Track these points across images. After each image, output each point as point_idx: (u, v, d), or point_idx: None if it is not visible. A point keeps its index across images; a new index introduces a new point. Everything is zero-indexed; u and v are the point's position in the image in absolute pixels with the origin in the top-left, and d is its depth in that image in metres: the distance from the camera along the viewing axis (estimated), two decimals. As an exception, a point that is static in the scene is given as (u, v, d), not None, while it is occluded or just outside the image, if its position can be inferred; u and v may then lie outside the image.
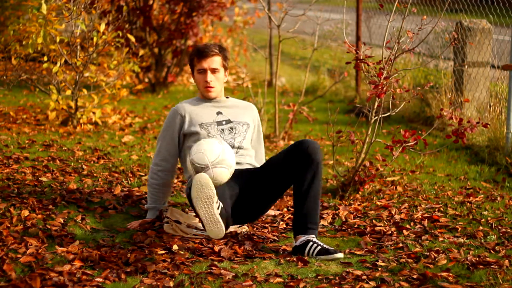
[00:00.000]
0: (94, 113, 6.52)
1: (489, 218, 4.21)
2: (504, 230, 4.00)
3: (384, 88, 4.44)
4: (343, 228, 4.14)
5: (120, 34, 6.60)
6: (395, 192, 4.81)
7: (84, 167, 5.03)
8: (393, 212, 4.35)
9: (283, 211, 4.43)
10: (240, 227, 4.04)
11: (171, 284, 3.22)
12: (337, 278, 3.34)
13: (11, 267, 3.20)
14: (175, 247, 3.69)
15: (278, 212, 4.37)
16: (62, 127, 6.37)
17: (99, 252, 3.52)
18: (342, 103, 8.20)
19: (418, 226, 4.13)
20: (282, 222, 4.22)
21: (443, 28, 7.47)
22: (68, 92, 6.38)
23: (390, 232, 4.02)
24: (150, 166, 4.14)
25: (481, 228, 4.05)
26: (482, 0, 7.01)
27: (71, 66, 6.36)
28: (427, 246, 3.77)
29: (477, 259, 3.51)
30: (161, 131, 4.13)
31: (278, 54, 6.36)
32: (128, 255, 3.51)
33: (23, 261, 3.33)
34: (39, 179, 4.63)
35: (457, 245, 3.77)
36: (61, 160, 5.18)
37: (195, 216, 4.02)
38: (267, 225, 4.16)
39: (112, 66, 6.60)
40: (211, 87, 4.05)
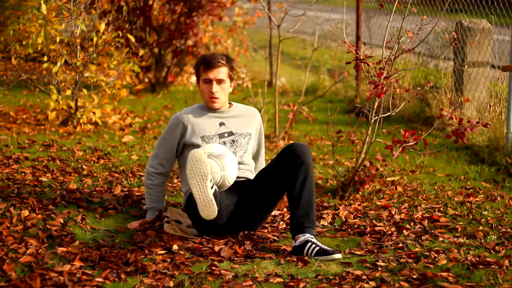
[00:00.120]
0: (94, 113, 6.53)
1: (489, 218, 4.21)
2: (504, 230, 4.00)
3: (384, 88, 4.44)
4: (343, 228, 4.14)
5: (120, 34, 6.60)
6: (395, 192, 4.81)
7: (84, 167, 5.03)
8: (393, 212, 4.35)
9: (283, 211, 4.43)
10: None
11: (171, 284, 3.22)
12: (337, 278, 3.34)
13: (11, 267, 3.20)
14: (175, 247, 3.69)
15: (278, 212, 4.37)
16: (62, 127, 6.37)
17: (99, 252, 3.52)
18: (342, 103, 8.20)
19: (418, 226, 4.13)
20: (282, 222, 4.21)
21: (443, 28, 7.47)
22: (68, 92, 6.38)
23: (390, 232, 4.02)
24: (146, 167, 4.15)
25: (481, 228, 4.05)
26: (482, 0, 7.01)
27: (71, 66, 6.36)
28: (427, 246, 3.77)
29: (477, 259, 3.51)
30: (161, 135, 4.13)
31: (278, 54, 6.36)
32: (128, 255, 3.51)
33: (23, 261, 3.33)
34: (39, 179, 4.63)
35: (457, 245, 3.77)
36: (61, 160, 5.18)
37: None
38: (267, 225, 4.16)
39: (112, 66, 6.60)
40: (216, 98, 4.03)
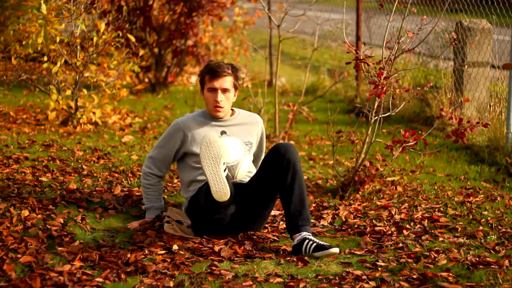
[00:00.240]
0: (94, 113, 6.53)
1: (489, 218, 4.21)
2: (504, 230, 4.00)
3: (384, 88, 4.44)
4: (343, 228, 4.14)
5: (120, 34, 6.60)
6: (395, 192, 4.81)
7: (84, 167, 5.03)
8: (393, 212, 4.35)
9: (283, 211, 4.43)
10: None
11: (171, 284, 3.23)
12: (337, 278, 3.34)
13: (11, 267, 3.20)
14: (175, 247, 3.69)
15: (278, 212, 4.37)
16: (62, 127, 6.37)
17: (99, 252, 3.52)
18: (342, 103, 8.20)
19: (418, 226, 4.13)
20: (282, 222, 4.21)
21: (443, 28, 7.47)
22: (68, 92, 6.38)
23: (390, 232, 4.02)
24: (143, 167, 4.15)
25: (481, 228, 4.05)
26: (482, 0, 7.01)
27: (71, 66, 6.36)
28: (427, 246, 3.77)
29: (477, 259, 3.51)
30: (160, 138, 4.12)
31: (278, 54, 6.36)
32: (128, 255, 3.51)
33: (23, 261, 3.33)
34: (39, 179, 4.63)
35: (457, 245, 3.77)
36: (61, 160, 5.18)
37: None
38: (267, 225, 4.16)
39: (112, 66, 6.60)
40: (221, 107, 4.02)
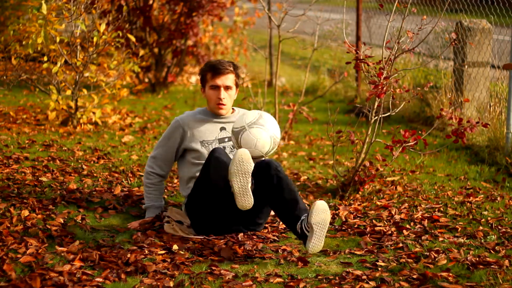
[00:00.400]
0: (94, 113, 6.53)
1: (489, 218, 4.21)
2: (504, 230, 4.00)
3: (384, 88, 4.44)
4: (343, 228, 4.14)
5: (120, 34, 6.60)
6: (395, 192, 4.81)
7: (84, 167, 5.03)
8: (393, 212, 4.35)
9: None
10: None
11: (171, 284, 3.23)
12: (337, 278, 3.34)
13: (11, 267, 3.20)
14: (175, 247, 3.69)
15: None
16: (62, 127, 6.37)
17: (99, 252, 3.52)
18: (342, 103, 8.20)
19: (418, 226, 4.13)
20: (282, 222, 4.21)
21: (443, 28, 7.47)
22: (68, 92, 6.38)
23: (390, 232, 4.02)
24: (145, 166, 4.17)
25: (481, 228, 4.05)
26: (482, 0, 7.01)
27: (71, 66, 6.36)
28: (427, 246, 3.77)
29: (477, 259, 3.51)
30: (161, 137, 4.15)
31: (278, 54, 6.36)
32: (128, 255, 3.51)
33: (23, 261, 3.33)
34: (39, 179, 4.63)
35: (457, 245, 3.77)
36: (61, 160, 5.18)
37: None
38: (267, 225, 4.16)
39: (112, 66, 6.60)
40: (223, 105, 4.05)
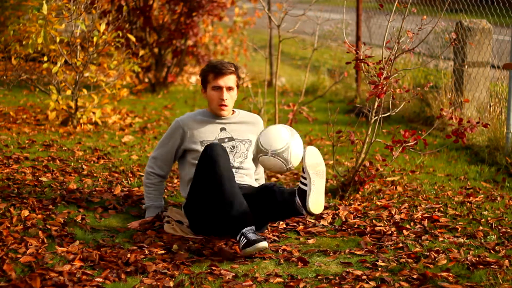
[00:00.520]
0: (94, 113, 6.53)
1: (489, 218, 4.21)
2: (504, 230, 4.00)
3: (384, 88, 4.44)
4: (343, 228, 4.14)
5: (120, 34, 6.60)
6: (395, 192, 4.81)
7: (84, 167, 5.03)
8: (393, 212, 4.35)
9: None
10: None
11: (171, 284, 3.23)
12: (337, 278, 3.34)
13: (11, 267, 3.20)
14: (175, 247, 3.70)
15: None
16: (62, 127, 6.37)
17: (99, 252, 3.52)
18: (342, 103, 8.20)
19: (418, 226, 4.13)
20: (282, 222, 4.21)
21: (443, 28, 7.47)
22: (68, 92, 6.38)
23: (390, 232, 4.02)
24: (146, 167, 4.18)
25: (481, 228, 4.05)
26: (482, 0, 7.01)
27: (71, 66, 6.36)
28: (427, 246, 3.77)
29: (477, 259, 3.51)
30: (162, 138, 4.15)
31: (278, 54, 6.36)
32: (128, 255, 3.51)
33: (23, 261, 3.33)
34: (39, 179, 4.63)
35: (457, 245, 3.77)
36: (61, 160, 5.18)
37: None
38: (267, 225, 4.16)
39: (112, 66, 6.60)
40: (225, 106, 4.05)
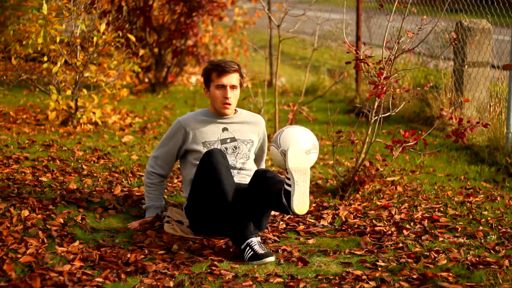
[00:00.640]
0: (94, 113, 6.53)
1: (489, 218, 4.21)
2: (504, 230, 4.00)
3: (384, 88, 4.44)
4: (343, 228, 4.14)
5: (120, 34, 6.60)
6: (395, 192, 4.81)
7: (84, 167, 5.03)
8: (393, 212, 4.35)
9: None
10: None
11: (171, 284, 3.23)
12: (337, 278, 3.34)
13: (11, 267, 3.20)
14: (175, 247, 3.70)
15: (278, 213, 4.37)
16: (62, 127, 6.37)
17: (99, 252, 3.52)
18: (342, 103, 8.20)
19: (418, 226, 4.13)
20: (282, 222, 4.22)
21: (443, 28, 7.47)
22: (68, 92, 6.38)
23: (390, 232, 4.02)
24: (146, 166, 4.16)
25: (481, 228, 4.05)
26: (482, 0, 7.01)
27: (71, 66, 6.36)
28: (427, 246, 3.77)
29: (477, 259, 3.51)
30: (163, 138, 4.14)
31: (278, 54, 6.36)
32: (128, 255, 3.51)
33: (23, 261, 3.33)
34: (39, 179, 4.63)
35: (457, 245, 3.77)
36: (61, 160, 5.18)
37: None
38: (267, 225, 4.16)
39: (112, 66, 6.59)
40: (229, 104, 4.05)
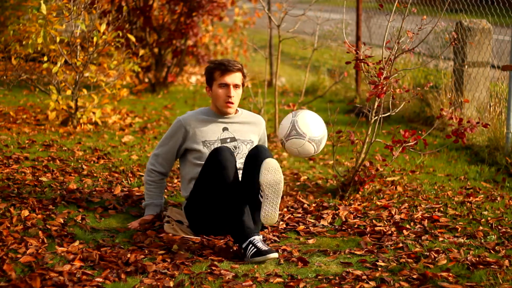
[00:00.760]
0: (94, 113, 6.53)
1: (489, 218, 4.21)
2: (504, 230, 4.00)
3: (384, 88, 4.44)
4: (343, 228, 4.14)
5: (120, 34, 6.60)
6: (395, 192, 4.81)
7: (84, 167, 5.03)
8: (393, 212, 4.35)
9: (283, 211, 4.43)
10: None
11: (171, 284, 3.23)
12: (337, 278, 3.34)
13: (11, 267, 3.20)
14: (175, 247, 3.70)
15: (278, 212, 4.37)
16: (62, 127, 6.37)
17: (99, 252, 3.52)
18: (342, 103, 8.20)
19: (418, 226, 4.13)
20: (282, 222, 4.22)
21: (443, 28, 7.47)
22: (68, 92, 6.38)
23: (390, 232, 4.02)
24: (147, 164, 4.16)
25: (481, 228, 4.05)
26: (482, 0, 7.01)
27: (71, 66, 6.36)
28: (427, 246, 3.77)
29: (477, 259, 3.51)
30: (163, 136, 4.14)
31: (278, 54, 6.36)
32: (128, 255, 3.51)
33: (23, 261, 3.33)
34: (39, 179, 4.63)
35: (457, 245, 3.77)
36: (61, 160, 5.18)
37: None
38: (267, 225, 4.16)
39: (112, 66, 6.60)
40: (232, 103, 4.05)
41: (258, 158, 3.77)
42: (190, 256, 3.62)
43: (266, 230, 4.09)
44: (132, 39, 6.72)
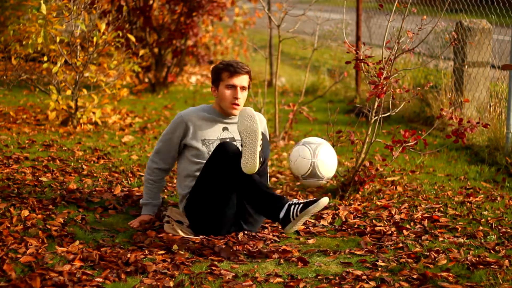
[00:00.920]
0: (94, 113, 6.53)
1: (489, 218, 4.21)
2: (504, 230, 4.00)
3: (384, 88, 4.44)
4: (343, 228, 4.14)
5: (120, 34, 6.60)
6: (395, 192, 4.81)
7: (84, 167, 5.03)
8: (393, 212, 4.35)
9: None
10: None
11: (171, 284, 3.23)
12: (337, 278, 3.34)
13: (11, 267, 3.20)
14: (175, 247, 3.70)
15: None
16: (62, 127, 6.37)
17: (99, 252, 3.52)
18: (342, 103, 8.20)
19: (418, 226, 4.13)
20: (282, 222, 4.21)
21: (443, 28, 7.47)
22: (68, 92, 6.38)
23: (390, 232, 4.02)
24: (147, 162, 4.15)
25: (481, 228, 4.05)
26: (482, 0, 7.01)
27: (71, 66, 6.36)
28: (427, 246, 3.77)
29: (477, 259, 3.51)
30: (164, 132, 4.13)
31: (278, 54, 6.36)
32: (128, 255, 3.51)
33: (23, 261, 3.33)
34: (39, 179, 4.63)
35: (457, 245, 3.77)
36: (61, 160, 5.18)
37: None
38: (267, 225, 4.16)
39: (112, 66, 6.60)
40: (238, 105, 4.04)
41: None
42: (190, 256, 3.62)
43: (266, 230, 4.09)
44: (132, 39, 6.72)
